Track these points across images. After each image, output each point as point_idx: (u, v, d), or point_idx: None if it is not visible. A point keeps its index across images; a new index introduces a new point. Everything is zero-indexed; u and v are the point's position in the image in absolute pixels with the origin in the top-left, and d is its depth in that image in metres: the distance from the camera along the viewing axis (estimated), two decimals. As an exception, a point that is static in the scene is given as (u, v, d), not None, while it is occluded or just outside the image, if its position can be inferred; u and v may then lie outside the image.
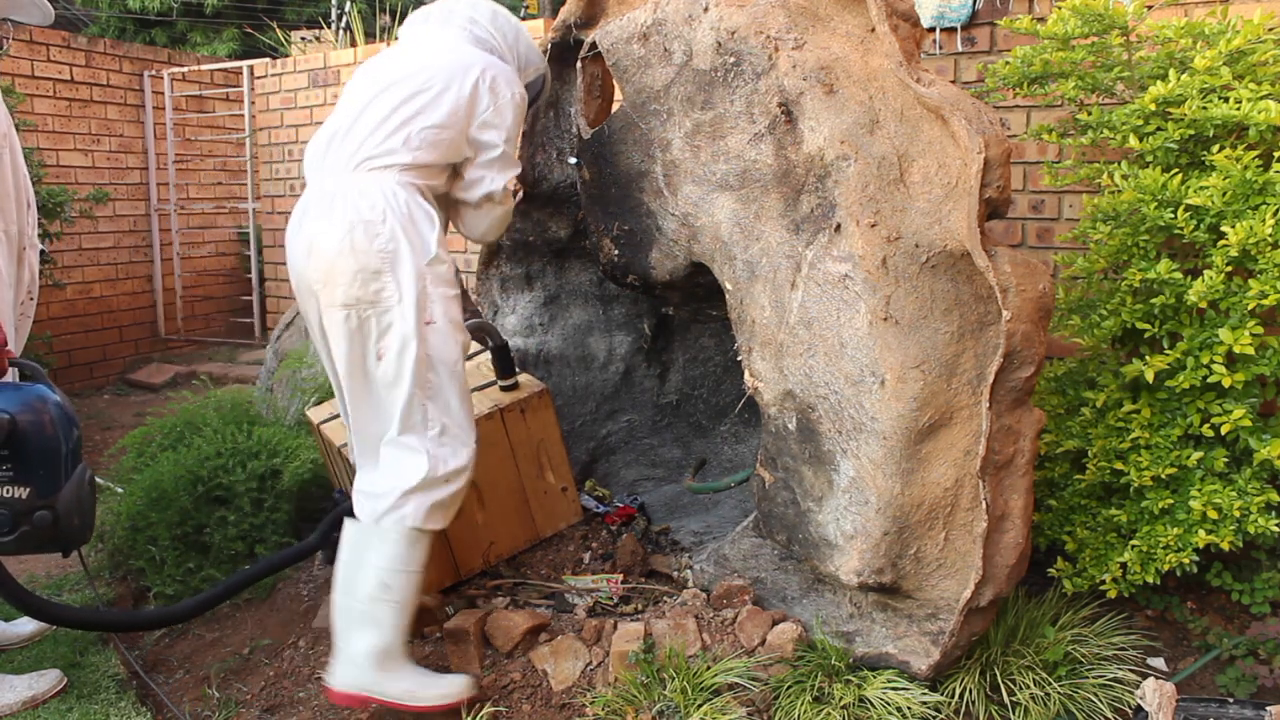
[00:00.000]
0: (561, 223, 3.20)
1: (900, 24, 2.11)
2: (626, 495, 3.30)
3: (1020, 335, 1.98)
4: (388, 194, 2.18)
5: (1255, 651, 2.40)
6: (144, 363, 6.08)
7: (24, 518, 1.99)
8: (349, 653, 2.17)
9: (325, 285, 2.16)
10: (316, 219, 2.21)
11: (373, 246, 2.13)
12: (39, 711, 2.42)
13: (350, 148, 2.24)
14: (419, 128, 2.24)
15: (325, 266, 2.15)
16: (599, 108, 2.94)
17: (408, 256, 2.15)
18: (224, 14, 8.28)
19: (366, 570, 2.15)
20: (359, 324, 2.15)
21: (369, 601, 2.15)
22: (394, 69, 2.34)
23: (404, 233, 2.16)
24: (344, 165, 2.24)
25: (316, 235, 2.18)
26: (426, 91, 2.27)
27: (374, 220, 2.15)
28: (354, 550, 2.19)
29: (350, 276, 2.13)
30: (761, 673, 2.24)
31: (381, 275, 2.13)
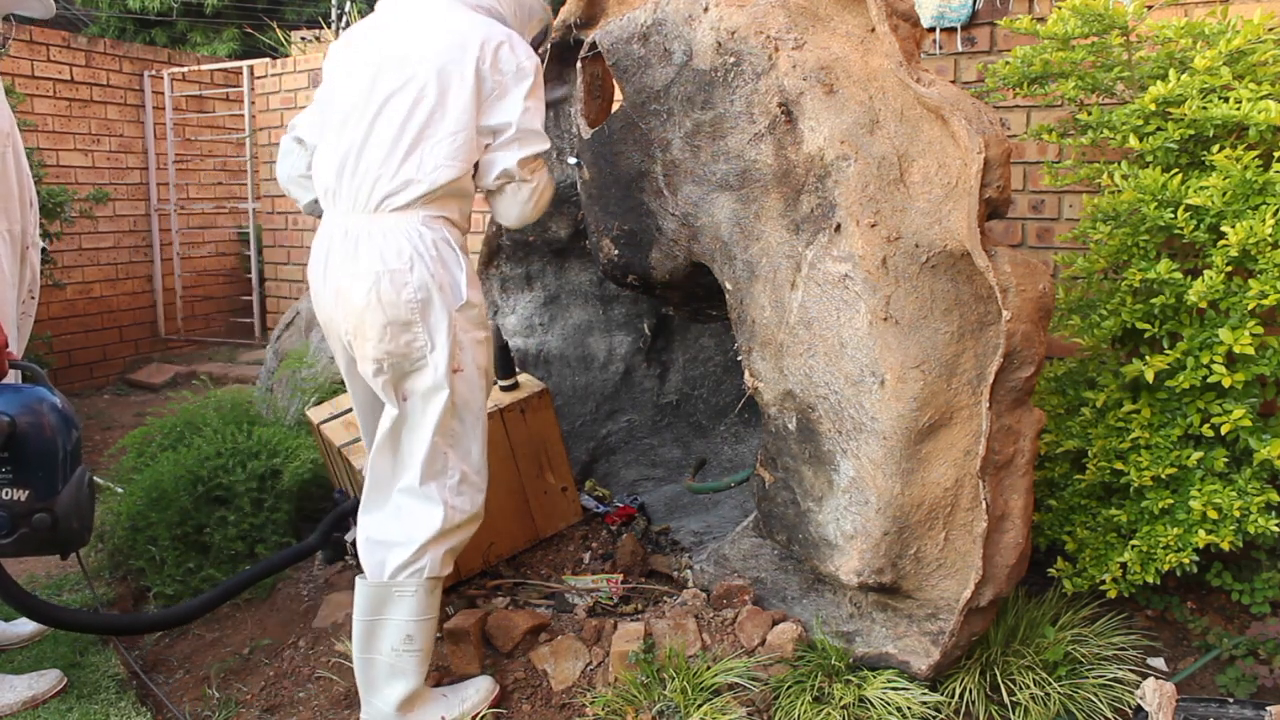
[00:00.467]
0: (561, 223, 3.20)
1: (900, 24, 2.11)
2: (626, 495, 3.30)
3: (1020, 335, 1.99)
4: (413, 238, 2.06)
5: (1255, 651, 2.40)
6: (144, 363, 6.08)
7: (23, 520, 1.99)
8: (377, 704, 2.15)
9: (356, 338, 2.09)
10: (341, 265, 2.10)
11: (401, 298, 2.03)
12: (39, 711, 2.42)
13: (367, 182, 2.09)
14: (431, 145, 2.08)
15: (354, 319, 2.07)
16: (599, 108, 2.94)
17: (439, 304, 2.06)
18: (224, 14, 8.28)
19: (388, 626, 2.12)
20: (392, 375, 2.09)
21: (394, 655, 2.13)
22: (389, 71, 2.12)
23: (433, 279, 2.06)
24: (363, 204, 2.09)
25: (343, 285, 2.09)
26: (428, 98, 2.08)
27: (401, 269, 2.03)
28: (370, 609, 2.13)
29: (380, 330, 2.04)
30: (761, 673, 2.24)
31: (412, 327, 2.05)
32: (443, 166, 2.08)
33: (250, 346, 6.29)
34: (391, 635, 2.12)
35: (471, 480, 2.18)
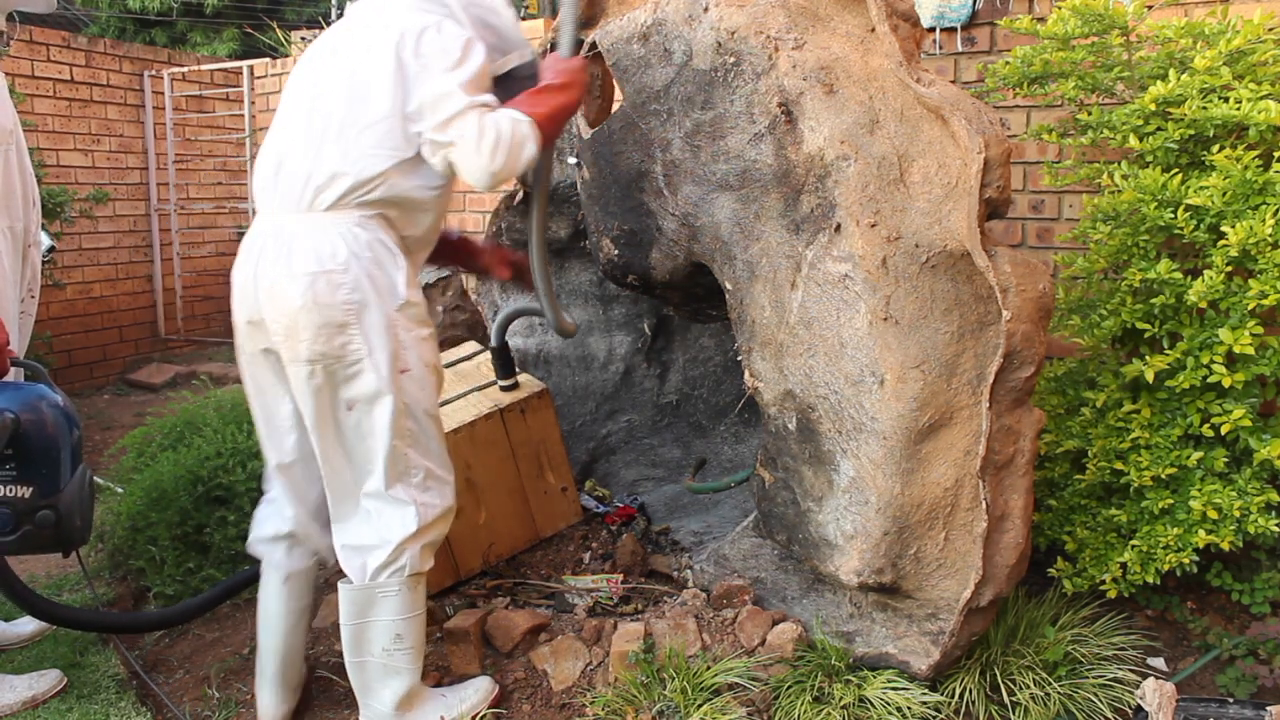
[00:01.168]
0: (561, 223, 3.20)
1: (900, 24, 2.11)
2: (626, 495, 3.30)
3: (1020, 335, 1.99)
4: (348, 238, 2.00)
5: (1255, 651, 2.40)
6: (144, 363, 6.08)
7: (26, 517, 1.99)
8: (375, 707, 2.16)
9: (286, 339, 2.01)
10: (273, 264, 2.02)
11: (336, 298, 1.97)
12: (39, 711, 2.42)
13: (299, 179, 2.03)
14: (355, 134, 2.01)
15: (286, 321, 1.99)
16: (599, 108, 2.94)
17: (375, 306, 2.00)
18: (224, 14, 8.28)
19: (375, 627, 2.12)
20: (325, 379, 2.01)
21: (384, 655, 2.14)
22: (323, 69, 2.11)
23: (369, 280, 2.00)
24: (296, 201, 2.03)
25: (275, 285, 2.00)
26: (354, 89, 2.03)
27: (335, 270, 1.97)
28: (357, 612, 2.13)
29: (314, 332, 1.97)
30: (761, 673, 2.24)
31: (348, 329, 1.98)
32: (368, 156, 2.00)
33: (250, 346, 6.28)
34: (381, 636, 2.12)
35: (437, 475, 2.16)
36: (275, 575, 2.24)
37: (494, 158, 1.99)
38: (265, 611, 2.27)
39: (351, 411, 2.05)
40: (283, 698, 2.29)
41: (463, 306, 3.54)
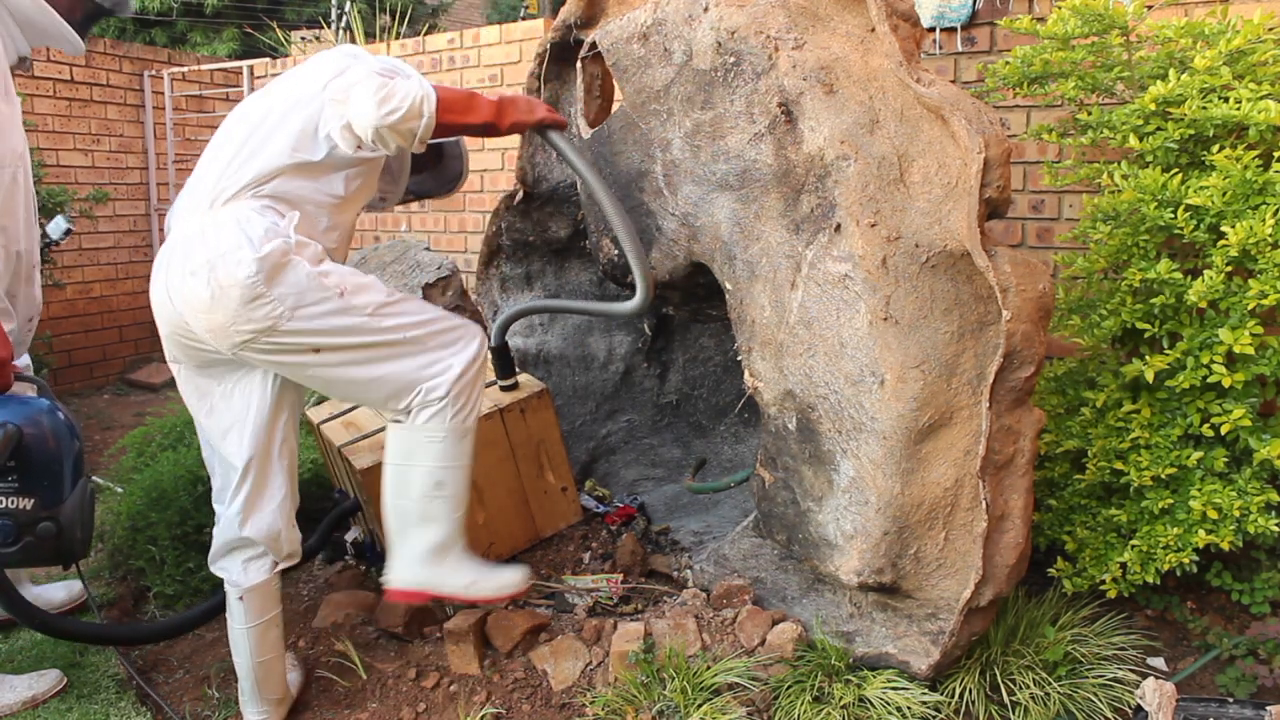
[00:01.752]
0: (561, 223, 3.20)
1: (900, 24, 2.11)
2: (626, 495, 3.30)
3: (1020, 335, 1.99)
4: (239, 219, 2.00)
5: (1255, 651, 2.40)
6: (144, 362, 6.08)
7: (28, 529, 2.00)
8: (406, 552, 2.21)
9: (215, 333, 2.01)
10: (178, 269, 2.03)
11: (238, 276, 1.95)
12: (39, 711, 2.42)
13: (210, 183, 2.07)
14: (271, 136, 2.06)
15: (206, 318, 1.99)
16: (599, 108, 2.94)
17: (276, 265, 1.99)
18: (224, 14, 8.28)
19: (417, 470, 2.16)
20: (276, 346, 2.03)
21: (423, 500, 2.17)
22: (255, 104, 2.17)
23: (261, 246, 1.98)
24: (200, 204, 2.07)
25: (182, 288, 2.01)
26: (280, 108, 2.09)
27: (228, 251, 1.96)
28: (402, 453, 2.18)
29: (234, 315, 1.97)
30: (761, 672, 2.24)
31: (261, 299, 1.97)
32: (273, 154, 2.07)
33: (250, 346, 6.28)
34: (422, 480, 2.16)
35: (442, 334, 2.18)
36: (232, 593, 2.22)
37: (382, 105, 1.99)
38: (230, 630, 2.26)
39: (322, 353, 2.07)
40: (265, 713, 2.29)
41: (463, 306, 3.54)
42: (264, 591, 2.23)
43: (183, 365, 2.17)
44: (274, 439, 2.19)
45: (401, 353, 2.12)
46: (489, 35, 5.15)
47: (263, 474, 2.18)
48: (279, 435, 2.20)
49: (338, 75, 2.09)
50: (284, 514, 2.22)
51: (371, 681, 2.43)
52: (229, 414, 2.17)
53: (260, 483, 2.18)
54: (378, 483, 2.63)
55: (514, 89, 4.95)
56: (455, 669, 2.43)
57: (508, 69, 5.04)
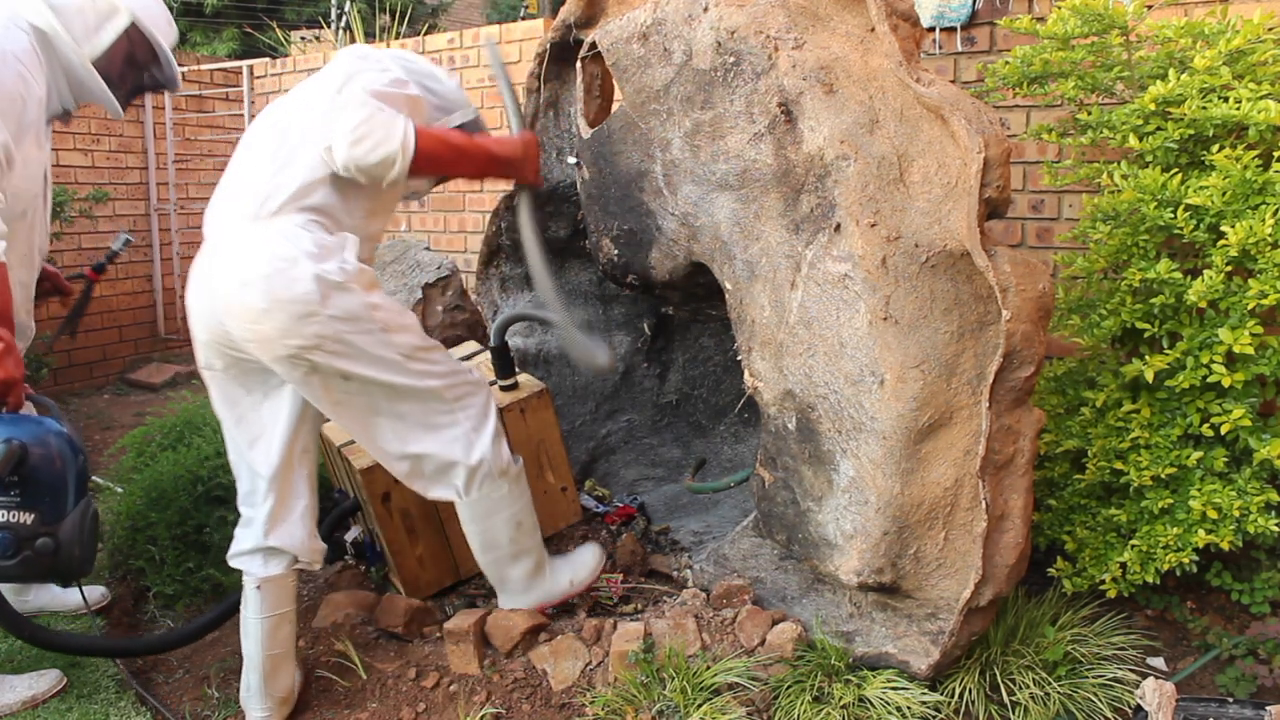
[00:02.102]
0: (561, 223, 3.20)
1: (900, 24, 2.11)
2: (626, 495, 3.30)
3: (1020, 335, 1.99)
4: (292, 236, 2.06)
5: (1255, 651, 2.40)
6: (144, 362, 6.08)
7: (27, 543, 2.03)
8: (512, 587, 2.46)
9: (260, 343, 2.06)
10: (226, 276, 2.07)
11: (295, 291, 2.02)
12: (39, 711, 2.42)
13: (251, 192, 2.12)
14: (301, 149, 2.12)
15: (254, 327, 2.04)
16: (599, 108, 2.94)
17: (332, 286, 2.06)
18: (224, 14, 8.28)
19: (498, 522, 2.37)
20: (311, 366, 2.09)
21: (511, 544, 2.40)
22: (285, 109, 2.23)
23: (320, 265, 2.06)
24: (244, 214, 2.11)
25: (233, 295, 2.05)
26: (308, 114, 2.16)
27: (286, 266, 2.03)
28: (479, 517, 2.36)
29: (285, 328, 2.03)
30: (761, 672, 2.24)
31: (314, 316, 2.04)
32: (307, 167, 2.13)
33: (250, 346, 6.27)
34: (504, 530, 2.38)
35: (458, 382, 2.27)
36: (250, 582, 2.26)
37: (355, 145, 2.06)
38: (244, 619, 2.28)
39: (350, 380, 2.13)
40: (269, 709, 2.29)
41: (462, 306, 3.54)
42: (281, 585, 2.28)
43: (216, 372, 2.21)
44: (296, 448, 2.25)
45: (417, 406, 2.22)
46: (489, 35, 5.15)
47: (286, 483, 2.24)
48: (300, 445, 2.26)
49: (346, 82, 2.13)
50: (306, 522, 2.29)
51: (371, 681, 2.43)
52: (257, 424, 2.23)
53: (285, 492, 2.24)
54: (378, 483, 2.64)
55: (514, 88, 4.94)
56: (455, 669, 2.43)
57: (508, 69, 5.04)
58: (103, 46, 2.34)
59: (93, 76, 2.34)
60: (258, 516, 2.24)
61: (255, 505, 2.25)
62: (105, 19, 2.34)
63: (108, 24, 2.35)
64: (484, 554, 2.43)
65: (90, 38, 2.32)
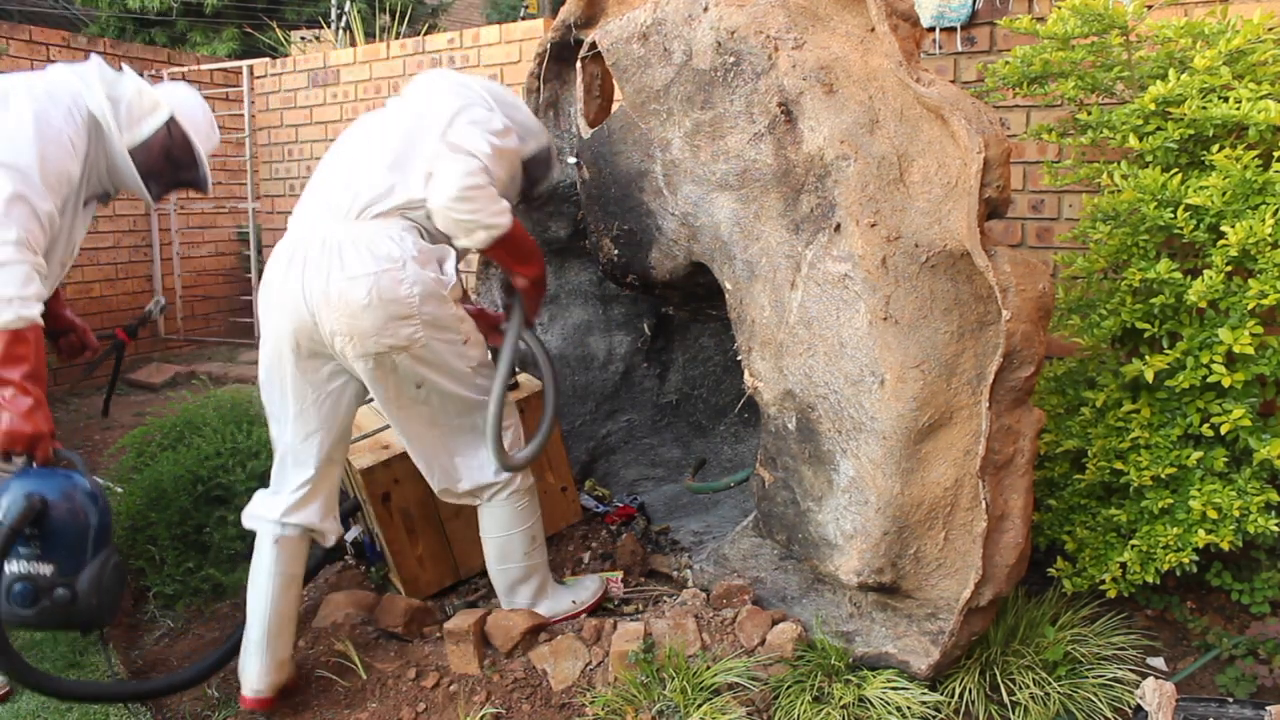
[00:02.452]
0: (561, 223, 3.20)
1: (900, 24, 2.11)
2: (626, 495, 3.30)
3: (1020, 335, 1.98)
4: (397, 239, 2.17)
5: (1255, 651, 2.40)
6: (144, 363, 6.07)
7: (45, 593, 2.09)
8: (521, 603, 2.54)
9: (350, 338, 2.15)
10: (324, 270, 2.15)
11: (399, 293, 2.13)
12: (39, 711, 2.42)
13: (352, 192, 2.21)
14: (410, 162, 2.22)
15: (349, 322, 2.13)
16: (599, 108, 2.94)
17: (431, 294, 2.18)
18: (224, 14, 8.28)
19: (516, 533, 2.48)
20: (392, 366, 2.20)
21: (525, 557, 2.50)
22: (384, 120, 2.35)
23: (422, 271, 2.17)
24: (345, 212, 2.20)
25: (332, 289, 2.14)
26: (416, 130, 2.26)
27: (393, 268, 2.14)
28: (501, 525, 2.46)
29: (380, 326, 2.13)
30: (761, 672, 2.24)
31: (411, 319, 2.16)
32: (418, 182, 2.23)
33: (250, 346, 6.28)
34: (521, 542, 2.49)
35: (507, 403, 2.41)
36: (266, 538, 2.33)
37: (461, 203, 2.18)
38: (254, 574, 2.34)
39: (420, 388, 2.27)
40: (268, 668, 2.31)
41: (462, 306, 3.54)
42: (296, 546, 2.36)
43: (288, 365, 2.28)
44: (341, 447, 2.41)
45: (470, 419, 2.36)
46: (489, 35, 5.15)
47: (325, 476, 2.37)
48: (346, 437, 2.42)
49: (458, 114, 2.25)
50: (326, 505, 2.40)
51: (371, 681, 2.43)
52: (316, 420, 2.32)
53: (320, 482, 2.36)
54: (378, 483, 2.64)
55: (514, 88, 4.94)
56: (455, 669, 2.42)
57: (508, 69, 5.04)
58: (141, 138, 2.46)
59: (128, 165, 2.46)
60: (285, 495, 2.34)
61: (286, 486, 2.34)
62: (148, 113, 2.48)
63: (149, 118, 2.48)
64: (499, 564, 2.51)
65: (131, 128, 2.45)
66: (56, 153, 2.28)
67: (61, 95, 2.35)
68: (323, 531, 2.39)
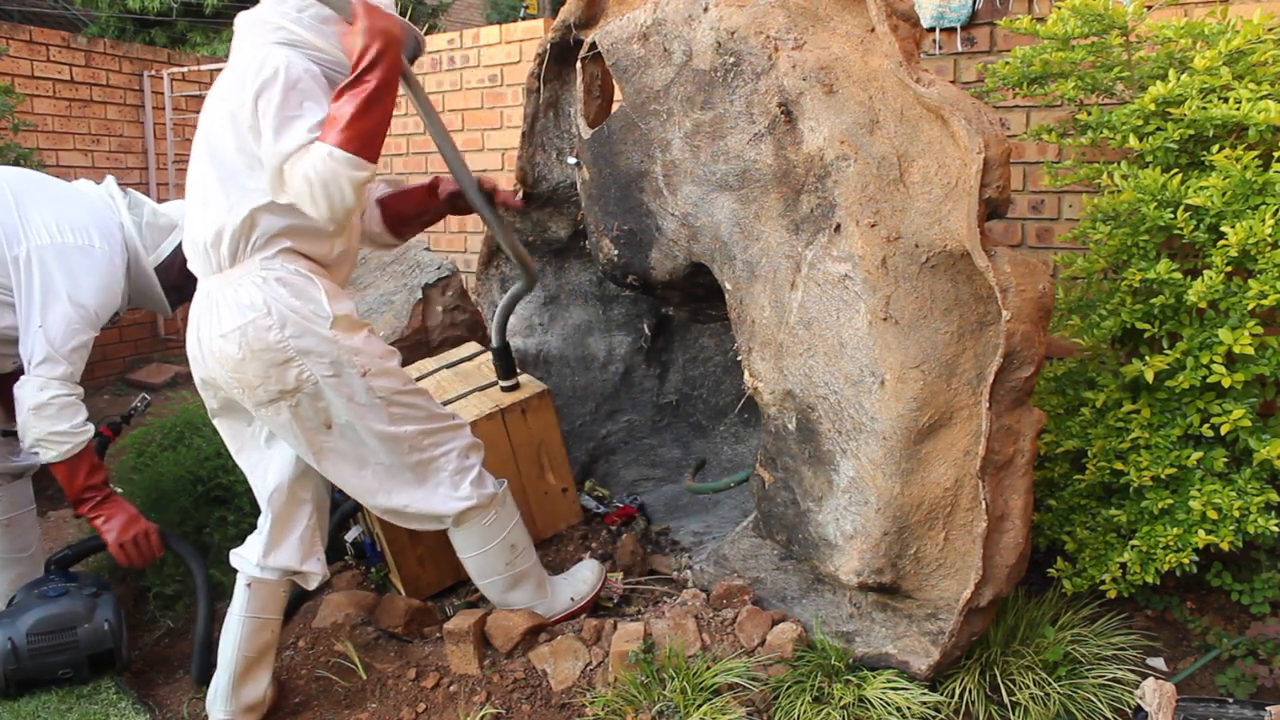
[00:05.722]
0: (561, 223, 3.20)
1: (900, 24, 2.11)
2: (626, 495, 3.30)
3: (1020, 335, 1.98)
4: (259, 284, 2.06)
5: (1255, 651, 2.40)
6: (144, 363, 6.07)
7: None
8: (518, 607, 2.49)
9: (241, 389, 2.12)
10: (209, 327, 2.11)
11: (269, 340, 2.05)
12: (39, 711, 2.42)
13: (199, 243, 2.11)
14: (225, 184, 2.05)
15: (234, 375, 2.10)
16: (599, 108, 2.94)
17: (308, 333, 2.08)
18: (224, 14, 8.27)
19: (493, 548, 2.40)
20: (292, 413, 2.13)
21: (509, 567, 2.44)
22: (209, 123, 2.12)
23: (293, 313, 2.07)
24: (205, 264, 2.12)
25: (212, 345, 2.10)
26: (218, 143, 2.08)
27: (258, 316, 2.05)
28: (475, 544, 2.39)
29: (263, 376, 2.08)
30: (761, 673, 2.24)
31: (292, 363, 2.08)
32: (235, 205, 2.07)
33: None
34: (499, 556, 2.42)
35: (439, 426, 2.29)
36: (241, 580, 2.30)
37: (318, 205, 1.96)
38: (228, 615, 2.31)
39: (331, 430, 2.17)
40: (233, 714, 2.28)
41: (462, 307, 3.54)
42: (271, 590, 2.30)
43: (217, 408, 2.29)
44: (297, 484, 2.29)
45: (400, 458, 2.23)
46: (489, 35, 5.15)
47: (285, 511, 2.29)
48: (301, 481, 2.30)
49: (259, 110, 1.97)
50: (305, 545, 2.31)
51: (371, 681, 2.43)
52: (256, 453, 2.30)
53: (283, 519, 2.28)
54: (377, 483, 2.63)
55: (514, 89, 4.95)
56: (455, 669, 2.42)
57: (508, 69, 5.04)
58: (163, 258, 2.66)
59: (155, 285, 2.66)
60: (260, 536, 2.29)
61: (259, 524, 2.30)
62: (167, 233, 2.67)
63: (168, 238, 2.66)
64: (482, 579, 2.47)
65: (154, 250, 2.65)
66: (114, 291, 2.52)
67: (114, 230, 2.56)
68: (304, 574, 2.32)
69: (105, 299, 2.48)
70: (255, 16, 2.11)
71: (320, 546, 2.36)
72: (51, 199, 2.51)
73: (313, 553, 2.33)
